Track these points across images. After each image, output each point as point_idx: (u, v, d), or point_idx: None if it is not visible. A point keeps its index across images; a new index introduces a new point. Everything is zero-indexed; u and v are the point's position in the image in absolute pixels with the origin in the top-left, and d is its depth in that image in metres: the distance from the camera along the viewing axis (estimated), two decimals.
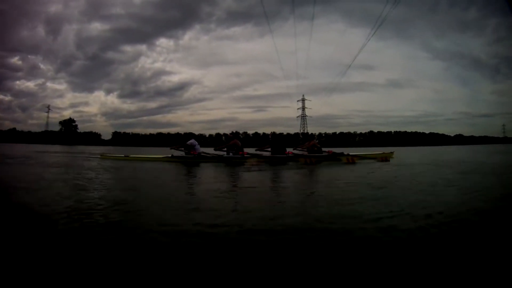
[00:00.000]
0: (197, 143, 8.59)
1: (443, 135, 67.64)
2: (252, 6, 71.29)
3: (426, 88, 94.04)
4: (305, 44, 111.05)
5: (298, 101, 71.16)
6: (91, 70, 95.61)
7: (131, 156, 9.72)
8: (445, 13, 76.81)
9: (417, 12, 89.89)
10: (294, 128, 74.04)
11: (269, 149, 8.66)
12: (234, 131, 68.26)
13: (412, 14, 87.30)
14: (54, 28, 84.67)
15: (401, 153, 14.17)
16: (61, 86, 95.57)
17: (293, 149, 8.98)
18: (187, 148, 8.52)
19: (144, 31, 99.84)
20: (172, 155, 8.62)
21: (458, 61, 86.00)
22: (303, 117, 70.74)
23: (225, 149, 8.76)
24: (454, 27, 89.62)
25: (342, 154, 8.28)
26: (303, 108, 70.57)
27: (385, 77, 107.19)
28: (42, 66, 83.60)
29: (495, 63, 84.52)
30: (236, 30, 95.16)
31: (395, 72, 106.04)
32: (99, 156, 10.45)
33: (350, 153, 8.43)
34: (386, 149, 13.73)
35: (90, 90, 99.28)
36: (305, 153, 8.57)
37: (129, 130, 70.56)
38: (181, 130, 71.37)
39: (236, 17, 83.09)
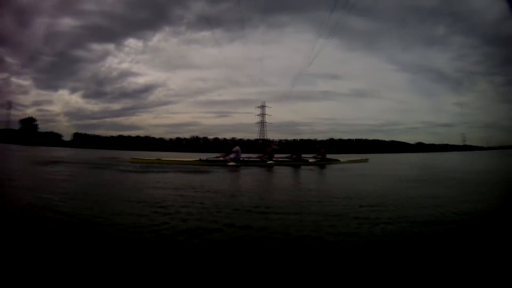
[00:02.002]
0: (240, 150, 10.64)
1: (403, 143, 69.63)
2: (223, 11, 70.48)
3: (391, 99, 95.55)
4: (272, 52, 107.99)
5: (257, 107, 71.15)
6: (58, 67, 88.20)
7: (163, 159, 10.95)
8: (414, 28, 77.93)
9: (387, 25, 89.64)
10: (255, 134, 73.50)
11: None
12: (195, 136, 68.03)
13: (382, 27, 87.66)
14: (24, 20, 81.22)
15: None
16: (25, 82, 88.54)
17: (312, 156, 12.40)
18: (235, 153, 10.48)
19: (114, 30, 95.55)
20: (200, 158, 10.46)
21: (423, 74, 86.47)
22: (263, 123, 70.98)
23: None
24: (422, 42, 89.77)
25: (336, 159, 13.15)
26: (263, 114, 70.76)
27: (350, 86, 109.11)
28: (7, 59, 79.40)
29: (458, 77, 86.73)
30: (205, 34, 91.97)
31: (360, 82, 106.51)
32: (128, 160, 11.45)
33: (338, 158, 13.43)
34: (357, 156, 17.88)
35: (55, 88, 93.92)
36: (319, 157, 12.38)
37: (91, 132, 67.49)
38: (143, 133, 69.34)
39: (207, 21, 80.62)
